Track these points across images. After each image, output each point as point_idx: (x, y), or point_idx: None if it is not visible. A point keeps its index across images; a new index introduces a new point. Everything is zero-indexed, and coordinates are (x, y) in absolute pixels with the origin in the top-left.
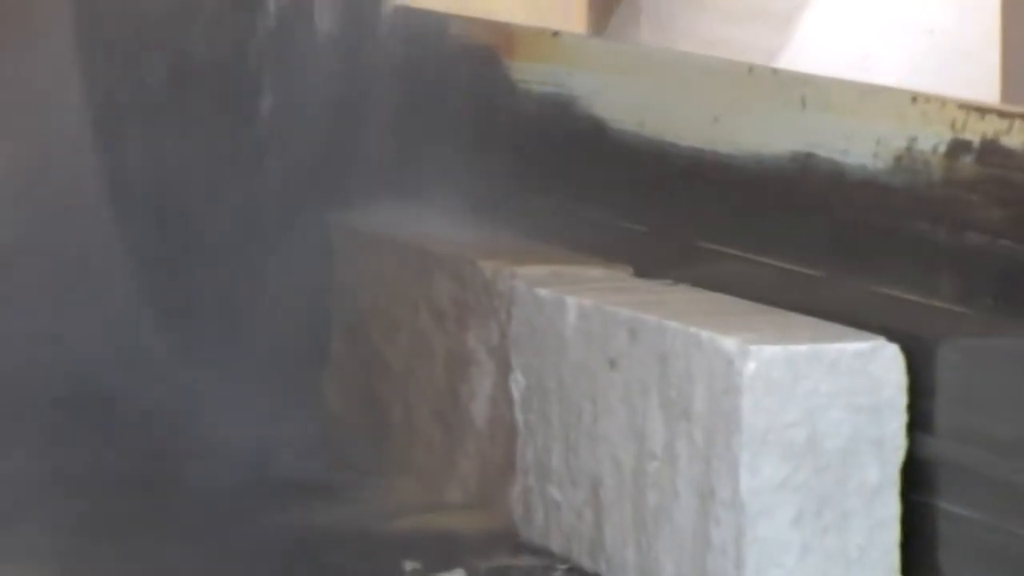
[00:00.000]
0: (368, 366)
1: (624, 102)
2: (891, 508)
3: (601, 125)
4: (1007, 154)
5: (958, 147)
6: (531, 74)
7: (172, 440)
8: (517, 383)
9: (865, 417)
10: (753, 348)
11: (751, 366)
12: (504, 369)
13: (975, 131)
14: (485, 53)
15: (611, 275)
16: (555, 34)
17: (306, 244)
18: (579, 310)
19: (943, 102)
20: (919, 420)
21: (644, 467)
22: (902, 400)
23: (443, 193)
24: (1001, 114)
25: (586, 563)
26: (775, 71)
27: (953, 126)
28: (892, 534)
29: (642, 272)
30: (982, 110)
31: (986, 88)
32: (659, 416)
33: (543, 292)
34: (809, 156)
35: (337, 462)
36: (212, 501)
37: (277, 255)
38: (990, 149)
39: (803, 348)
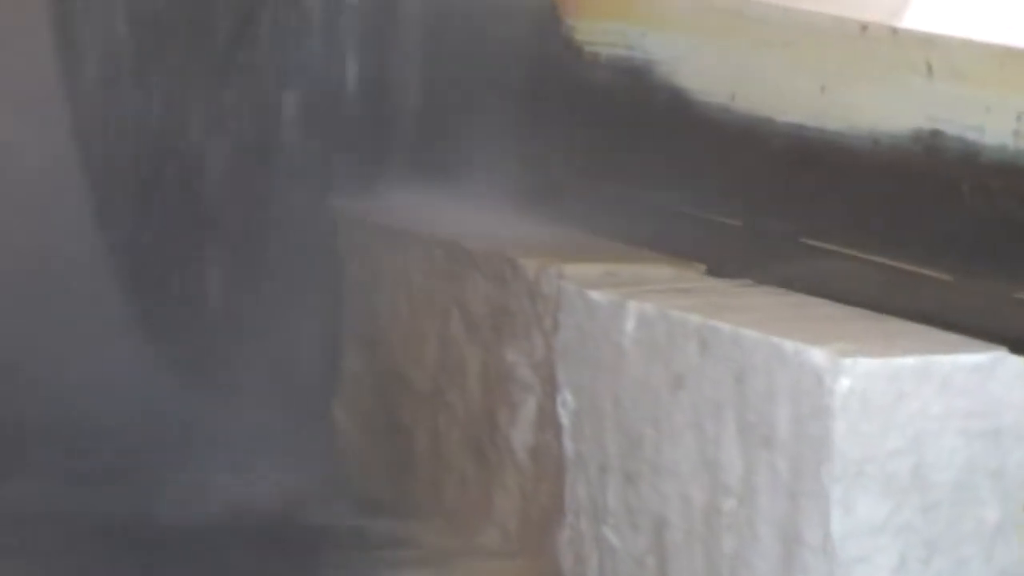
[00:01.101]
0: (388, 386)
1: (711, 69)
2: (1014, 553)
3: (682, 97)
4: None
5: None
6: (597, 35)
7: (152, 477)
8: (566, 405)
9: (983, 444)
10: (847, 361)
11: (844, 383)
12: (550, 388)
13: None
14: (541, 9)
15: (679, 275)
16: None
17: (312, 238)
18: (639, 317)
19: None
20: None
21: (717, 505)
22: None
23: (480, 177)
24: None
25: None
26: (895, 31)
27: None
28: None
29: (723, 273)
30: None
31: None
32: (735, 444)
33: (596, 295)
34: (935, 134)
35: (351, 501)
36: (203, 551)
37: (276, 251)
38: None
39: (908, 361)
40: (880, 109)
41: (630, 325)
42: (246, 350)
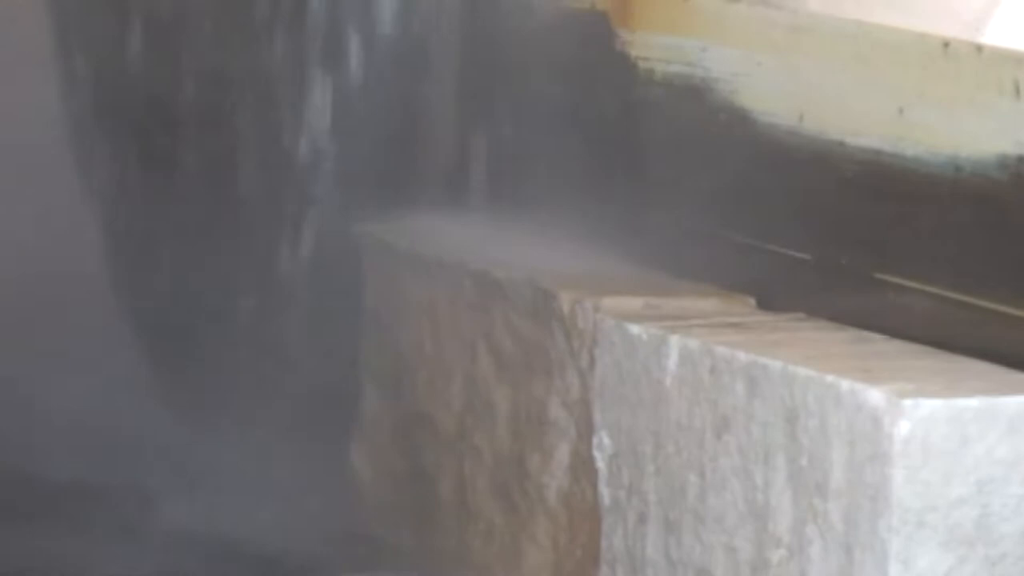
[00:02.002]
0: (410, 427)
1: (777, 88)
2: None
3: (745, 118)
4: None
5: None
6: (653, 49)
7: (158, 527)
8: (602, 449)
9: None
10: (907, 402)
11: (904, 426)
12: (585, 431)
13: None
14: (592, 20)
15: (726, 308)
16: None
17: (329, 265)
18: (682, 353)
19: None
20: None
21: (766, 558)
22: None
23: (517, 202)
24: None
25: None
26: (979, 47)
27: None
28: None
29: (782, 308)
30: None
31: None
32: (785, 491)
33: (636, 330)
34: (1023, 161)
35: (370, 552)
36: None
37: (292, 277)
38: None
39: (973, 402)
40: (963, 133)
41: (672, 362)
42: (257, 387)
